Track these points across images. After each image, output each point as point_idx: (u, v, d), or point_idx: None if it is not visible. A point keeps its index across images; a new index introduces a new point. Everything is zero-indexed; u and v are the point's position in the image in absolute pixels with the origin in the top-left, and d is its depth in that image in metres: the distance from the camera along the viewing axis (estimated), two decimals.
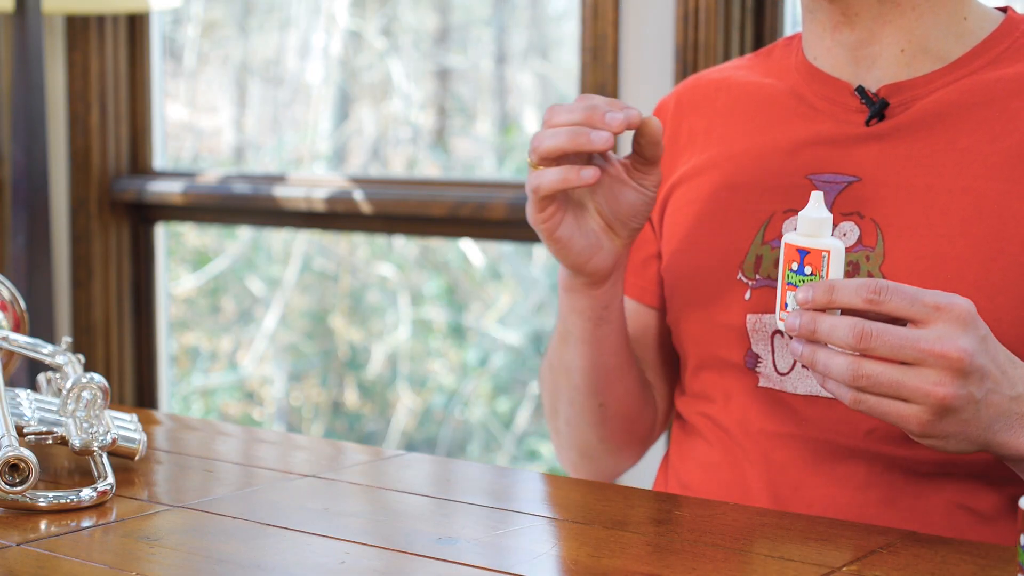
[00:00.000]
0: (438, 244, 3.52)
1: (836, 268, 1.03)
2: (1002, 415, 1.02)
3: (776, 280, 1.19)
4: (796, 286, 1.03)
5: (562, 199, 1.18)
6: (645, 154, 1.18)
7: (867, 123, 1.21)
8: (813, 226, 1.04)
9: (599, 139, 1.11)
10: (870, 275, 1.16)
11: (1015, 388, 1.03)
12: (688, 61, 2.05)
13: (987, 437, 1.02)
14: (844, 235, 1.18)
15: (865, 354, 0.99)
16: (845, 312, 1.01)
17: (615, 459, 1.38)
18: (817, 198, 1.04)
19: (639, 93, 2.12)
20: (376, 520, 1.05)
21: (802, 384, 1.18)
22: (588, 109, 1.12)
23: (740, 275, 1.22)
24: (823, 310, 1.01)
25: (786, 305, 1.04)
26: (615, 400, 1.32)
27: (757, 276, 1.21)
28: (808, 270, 1.03)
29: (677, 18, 2.06)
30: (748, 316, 1.21)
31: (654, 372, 1.38)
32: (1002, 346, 1.04)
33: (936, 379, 0.98)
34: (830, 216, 1.04)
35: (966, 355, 0.98)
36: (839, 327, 0.99)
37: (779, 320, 1.05)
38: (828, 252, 1.02)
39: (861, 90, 1.21)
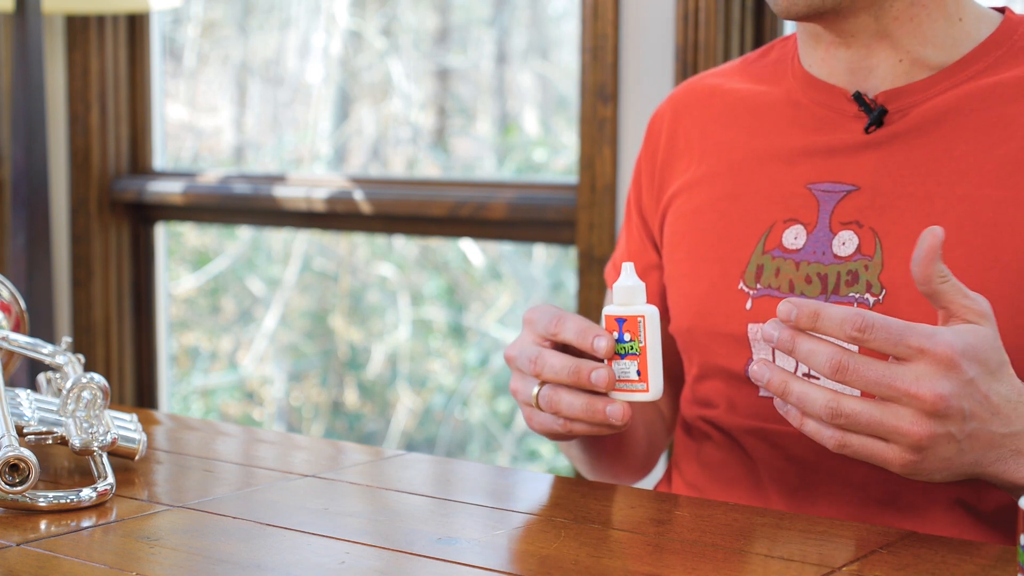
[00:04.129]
0: (438, 244, 3.52)
1: (652, 330, 1.07)
2: (992, 448, 1.01)
3: (776, 290, 1.20)
4: (620, 355, 1.08)
5: None
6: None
7: (866, 130, 1.20)
8: (627, 295, 1.08)
9: (616, 415, 1.08)
10: (868, 284, 1.16)
11: (1010, 425, 1.01)
12: (688, 61, 2.05)
13: (976, 470, 1.02)
14: (843, 244, 1.18)
15: (838, 382, 0.98)
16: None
17: (628, 483, 1.40)
18: (628, 268, 1.08)
19: (639, 93, 2.12)
20: (376, 520, 1.05)
21: None
22: (573, 372, 1.09)
23: (741, 285, 1.22)
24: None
25: (617, 375, 1.09)
26: (623, 470, 1.35)
27: (758, 285, 1.21)
28: (627, 336, 1.08)
29: (677, 18, 2.06)
30: (750, 326, 1.21)
31: (674, 377, 1.38)
32: (1007, 384, 1.01)
33: (911, 419, 0.97)
34: (642, 284, 1.08)
35: (940, 399, 0.97)
36: (818, 353, 0.98)
37: (615, 393, 1.08)
38: (643, 317, 1.07)
39: (859, 96, 1.21)
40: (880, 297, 1.15)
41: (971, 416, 0.99)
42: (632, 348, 1.07)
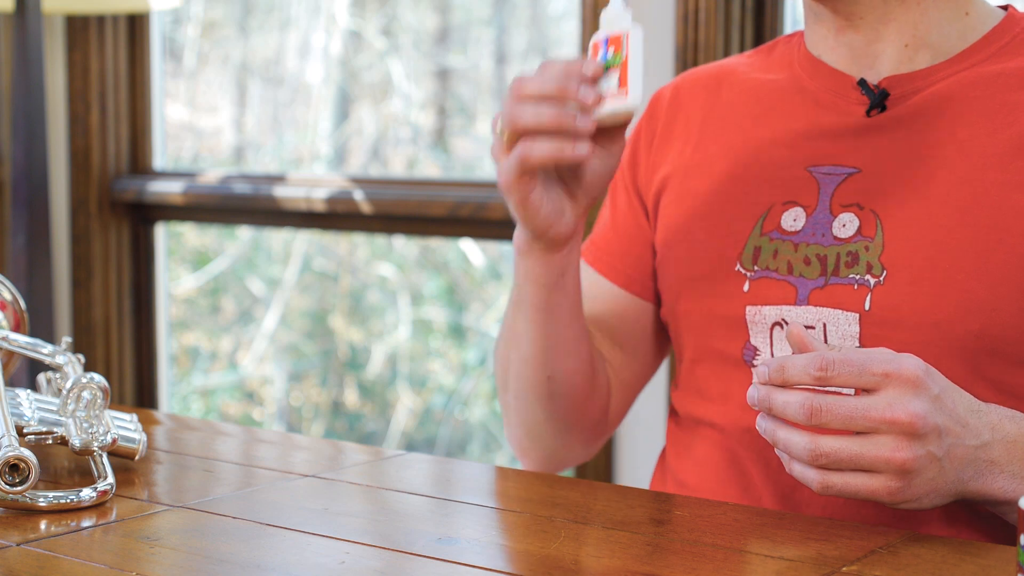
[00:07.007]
0: (438, 244, 3.52)
1: (635, 44, 1.09)
2: (969, 464, 1.02)
3: (774, 272, 1.20)
4: (605, 69, 1.10)
5: None
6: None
7: (868, 113, 1.21)
8: (611, 23, 1.11)
9: (584, 126, 1.10)
10: (869, 265, 1.16)
11: (979, 437, 1.02)
12: (688, 61, 2.06)
13: (958, 488, 1.03)
14: (843, 226, 1.19)
15: (818, 429, 0.99)
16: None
17: (563, 440, 1.35)
18: (615, 2, 1.11)
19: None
20: (376, 520, 1.05)
21: None
22: (560, 82, 1.10)
23: (739, 266, 1.23)
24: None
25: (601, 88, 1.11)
26: (564, 374, 1.30)
27: (756, 267, 1.22)
28: (611, 52, 1.09)
29: (677, 18, 2.06)
30: (747, 308, 1.21)
31: (637, 361, 1.37)
32: (965, 396, 1.03)
33: (893, 445, 0.98)
34: (630, 11, 1.10)
35: (917, 418, 0.98)
36: (791, 404, 1.00)
37: (598, 110, 1.10)
38: (626, 32, 1.09)
39: (863, 83, 1.22)
40: (881, 278, 1.15)
41: (946, 432, 1.00)
42: (615, 60, 1.08)
